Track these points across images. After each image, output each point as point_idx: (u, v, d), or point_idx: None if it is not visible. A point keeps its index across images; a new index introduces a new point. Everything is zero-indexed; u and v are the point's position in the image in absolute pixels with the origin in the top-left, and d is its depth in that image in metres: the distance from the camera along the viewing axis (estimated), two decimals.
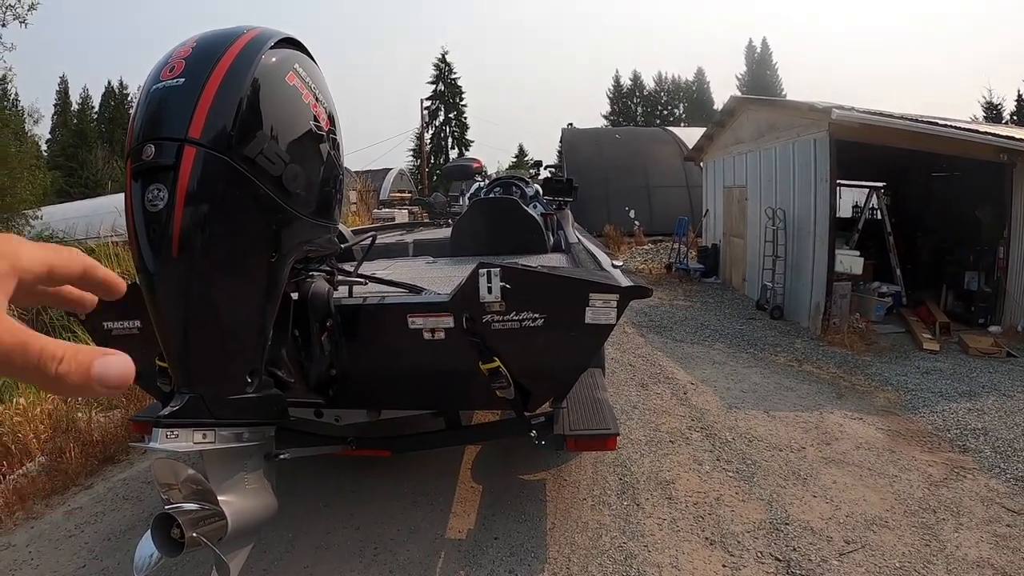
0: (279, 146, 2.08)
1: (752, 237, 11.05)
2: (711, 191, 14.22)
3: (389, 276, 3.97)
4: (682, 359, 7.41)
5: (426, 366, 3.14)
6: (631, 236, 18.65)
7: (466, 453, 4.65)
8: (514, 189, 6.92)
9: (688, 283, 12.92)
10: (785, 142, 9.68)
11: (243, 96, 1.99)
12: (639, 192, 19.87)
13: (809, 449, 4.66)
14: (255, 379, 2.33)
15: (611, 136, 23.33)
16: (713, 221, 13.97)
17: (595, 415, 3.45)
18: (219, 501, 2.16)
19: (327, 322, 2.93)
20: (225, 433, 2.25)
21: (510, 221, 4.98)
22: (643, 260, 16.17)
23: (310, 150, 2.27)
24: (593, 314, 2.80)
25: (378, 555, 3.53)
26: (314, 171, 2.34)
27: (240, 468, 2.35)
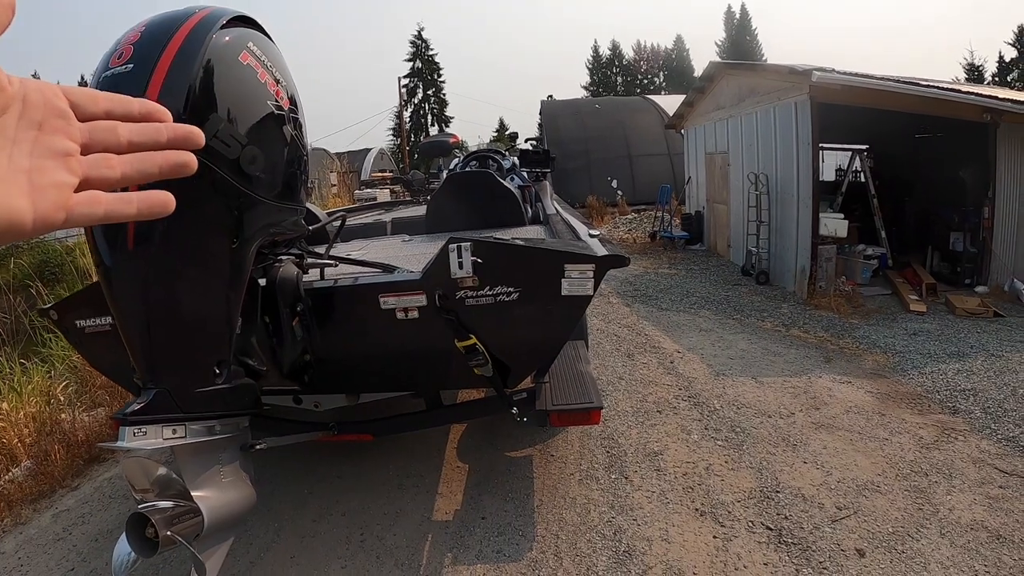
0: (235, 128, 2.01)
1: (735, 203, 10.95)
2: (693, 158, 14.10)
3: (363, 256, 3.86)
4: (668, 328, 7.33)
5: (401, 347, 3.05)
6: (614, 206, 18.55)
7: (451, 432, 4.57)
8: (490, 162, 6.80)
9: (672, 251, 12.83)
10: (766, 106, 9.55)
11: (194, 78, 1.91)
12: (621, 162, 19.72)
13: (798, 415, 4.60)
14: (224, 370, 2.27)
15: (591, 106, 23.10)
16: (696, 188, 13.87)
17: (578, 389, 3.36)
18: (193, 497, 2.11)
19: (298, 307, 2.83)
20: (196, 427, 2.19)
21: (486, 195, 4.86)
22: (627, 229, 16.06)
23: (270, 131, 2.19)
24: (569, 285, 2.71)
25: (364, 541, 3.46)
26: (275, 153, 2.26)
27: (214, 461, 2.30)
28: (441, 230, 4.92)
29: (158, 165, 0.56)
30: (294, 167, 2.42)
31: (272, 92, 2.19)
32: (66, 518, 3.95)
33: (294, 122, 2.35)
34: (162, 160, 0.56)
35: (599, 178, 19.19)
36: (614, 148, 19.86)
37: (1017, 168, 8.08)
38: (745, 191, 10.06)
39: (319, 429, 3.44)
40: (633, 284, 9.95)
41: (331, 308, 2.94)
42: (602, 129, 20.35)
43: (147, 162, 0.56)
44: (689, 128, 14.24)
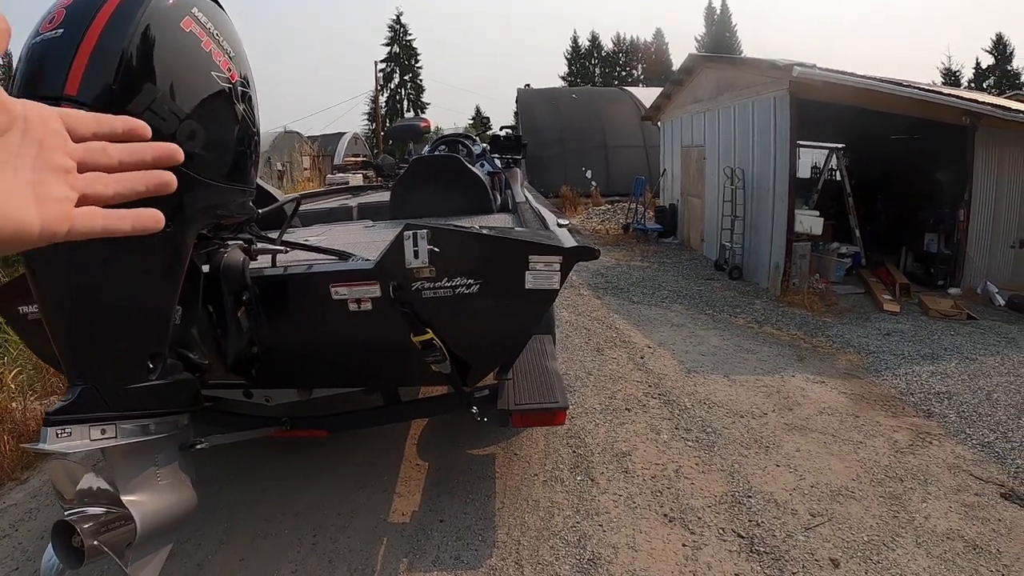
0: (173, 101, 1.83)
1: (710, 197, 10.84)
2: (669, 151, 13.96)
3: (322, 243, 3.63)
4: (639, 322, 7.19)
5: (354, 340, 2.85)
6: (588, 197, 18.39)
7: (412, 427, 4.37)
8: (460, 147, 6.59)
9: (646, 243, 12.73)
10: (745, 101, 9.43)
11: (128, 45, 1.74)
12: (596, 152, 19.55)
13: (771, 415, 4.47)
14: (158, 364, 2.08)
15: (567, 96, 22.87)
16: (671, 181, 13.74)
17: (543, 387, 3.18)
18: (126, 502, 1.95)
19: (244, 296, 2.59)
20: (128, 426, 2.01)
21: (453, 181, 4.65)
22: (600, 220, 15.95)
23: (214, 106, 2.00)
24: (534, 278, 2.52)
25: (317, 543, 3.26)
26: (220, 129, 2.07)
27: (150, 463, 2.11)
28: (406, 216, 4.70)
29: (145, 184, 0.62)
30: (243, 146, 2.23)
31: (218, 63, 2.00)
32: (12, 514, 3.69)
33: (244, 97, 2.16)
34: (148, 180, 0.62)
35: (574, 168, 19.02)
36: (590, 138, 19.68)
37: (994, 172, 8.08)
38: (721, 185, 9.94)
39: (271, 424, 3.23)
40: (605, 276, 9.80)
41: (280, 297, 2.72)
42: (578, 119, 20.14)
43: (136, 181, 0.61)
44: (666, 121, 14.10)
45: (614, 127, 19.99)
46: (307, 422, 3.32)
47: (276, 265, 2.80)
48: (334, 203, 6.52)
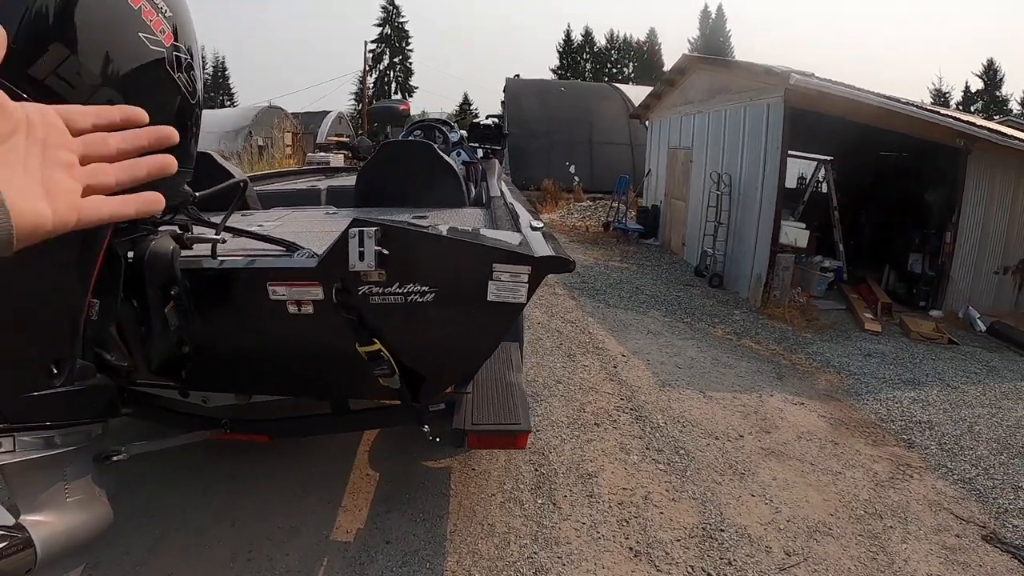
0: (85, 65, 1.60)
1: (695, 201, 10.61)
2: (655, 151, 13.71)
3: (276, 229, 3.32)
4: (614, 327, 6.95)
5: (294, 346, 2.53)
6: (570, 192, 18.12)
7: (365, 433, 4.07)
8: (436, 133, 6.26)
9: (626, 244, 12.51)
10: (737, 105, 9.19)
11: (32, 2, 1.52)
12: (581, 147, 19.30)
13: (748, 438, 4.24)
14: (65, 368, 1.83)
15: (556, 89, 22.59)
16: (655, 181, 13.51)
17: (505, 405, 2.87)
18: (25, 524, 1.73)
19: (172, 290, 2.28)
20: (27, 439, 1.78)
21: (423, 169, 4.32)
22: (580, 217, 15.70)
23: (141, 72, 1.75)
24: (498, 290, 2.21)
25: (252, 560, 2.98)
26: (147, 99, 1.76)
27: (57, 478, 1.87)
28: (371, 204, 4.40)
29: (145, 169, 0.66)
30: (178, 119, 1.96)
31: (149, 23, 1.74)
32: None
33: (183, 65, 1.90)
34: (148, 164, 0.66)
35: (558, 162, 18.74)
36: (576, 133, 19.41)
37: (984, 197, 7.95)
38: (706, 190, 9.71)
39: (209, 427, 2.95)
40: (582, 276, 9.55)
41: (212, 293, 2.40)
42: (566, 112, 19.86)
43: (136, 168, 0.65)
44: (654, 120, 13.84)
45: (601, 123, 19.74)
46: (248, 426, 3.03)
47: (215, 256, 2.49)
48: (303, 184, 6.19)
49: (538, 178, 17.92)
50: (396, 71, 51.37)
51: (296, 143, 26.78)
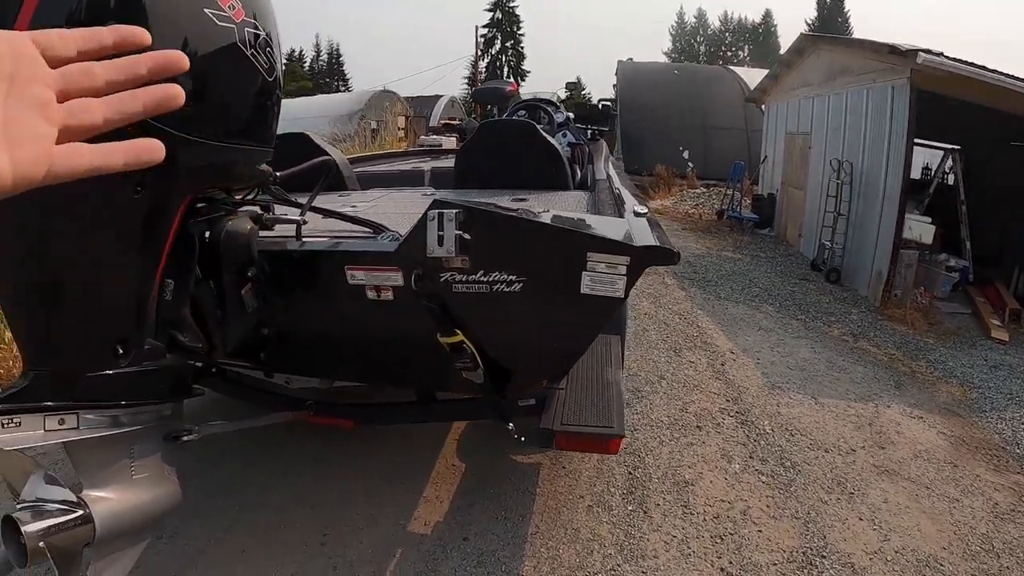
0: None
1: (813, 189, 9.96)
2: (772, 136, 13.01)
3: (369, 210, 3.26)
4: (724, 321, 6.61)
5: (373, 334, 2.46)
6: (683, 178, 17.55)
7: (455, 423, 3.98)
8: (541, 114, 6.08)
9: (739, 233, 11.98)
10: (858, 88, 8.51)
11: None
12: (695, 132, 18.63)
13: (860, 452, 3.87)
14: (131, 349, 1.82)
15: (669, 72, 21.83)
16: (771, 168, 12.84)
17: (599, 405, 2.66)
18: (87, 499, 1.74)
19: (248, 271, 2.24)
20: (92, 417, 1.78)
21: (524, 149, 4.15)
22: (693, 204, 15.18)
23: (209, 51, 1.70)
24: (592, 282, 2.02)
25: (326, 545, 2.95)
26: (218, 79, 1.76)
27: (123, 456, 1.89)
28: (470, 186, 4.29)
29: (141, 103, 0.52)
30: (253, 98, 1.92)
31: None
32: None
33: (257, 42, 1.83)
34: (145, 97, 0.53)
35: (671, 147, 18.17)
36: (689, 117, 18.73)
37: None
38: (825, 178, 9.07)
39: (293, 408, 2.94)
40: (693, 265, 9.20)
41: (291, 276, 2.36)
42: (678, 97, 19.18)
43: (129, 102, 0.52)
44: (771, 104, 13.14)
45: (715, 107, 18.96)
46: (332, 410, 3.00)
47: (299, 237, 2.43)
48: (407, 165, 6.18)
49: (651, 163, 17.47)
50: (508, 55, 51.64)
51: (409, 126, 27.29)
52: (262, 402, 3.12)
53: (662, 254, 2.00)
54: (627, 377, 4.85)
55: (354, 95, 31.17)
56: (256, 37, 1.85)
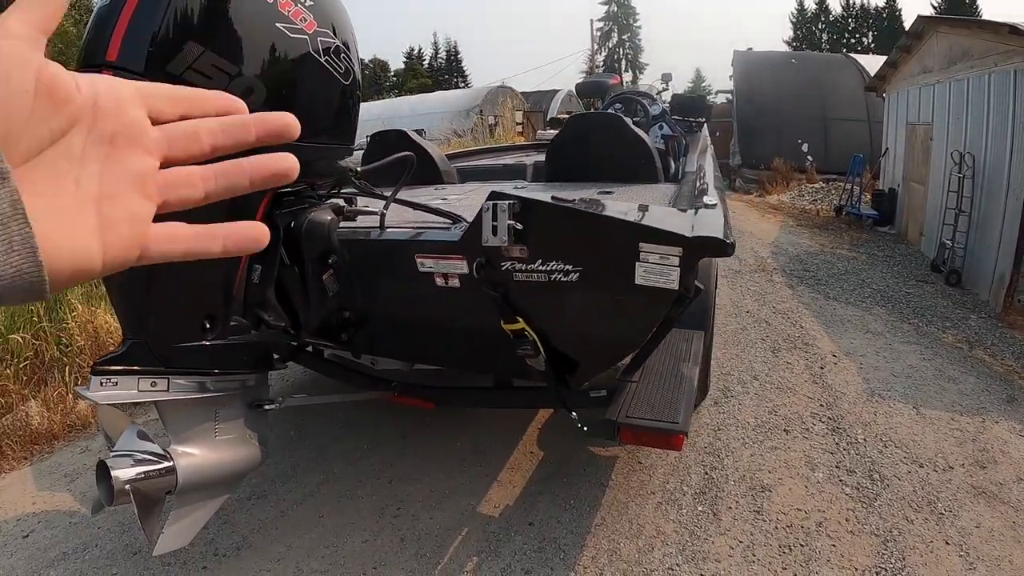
0: (220, 57, 1.75)
1: (934, 184, 9.27)
2: (892, 127, 12.17)
3: (459, 202, 3.38)
4: (830, 322, 6.33)
5: (443, 319, 2.59)
6: (802, 172, 16.78)
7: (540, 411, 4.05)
8: (637, 107, 6.03)
9: (858, 230, 11.39)
10: (979, 72, 7.84)
11: (168, 5, 1.68)
12: (814, 124, 17.72)
13: (957, 470, 3.62)
14: (217, 325, 2.08)
15: (787, 61, 20.78)
16: (892, 162, 12.05)
17: (667, 400, 2.66)
18: (172, 453, 1.99)
19: (330, 259, 2.40)
20: (182, 382, 2.03)
21: (613, 143, 4.14)
22: (811, 200, 14.56)
23: (282, 59, 1.90)
24: (646, 272, 2.03)
25: (398, 517, 3.13)
26: (290, 83, 1.96)
27: (207, 418, 2.14)
28: (559, 179, 4.35)
29: (248, 177, 0.48)
30: (328, 99, 2.12)
31: (286, 14, 1.88)
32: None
33: (330, 49, 2.03)
34: (253, 171, 0.48)
35: (789, 140, 17.40)
36: (808, 108, 17.80)
37: None
38: (947, 172, 8.45)
39: (380, 388, 3.14)
40: (804, 263, 8.85)
41: (368, 263, 2.52)
42: (796, 87, 18.24)
43: (236, 176, 0.47)
44: (891, 92, 12.26)
45: (835, 97, 17.89)
46: (415, 391, 3.13)
47: (383, 227, 2.57)
48: (511, 159, 6.27)
49: (768, 157, 16.80)
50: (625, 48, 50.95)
51: (526, 121, 27.56)
52: (351, 381, 3.32)
53: (715, 245, 1.99)
54: (718, 376, 4.75)
55: (471, 91, 31.74)
56: (330, 46, 2.03)
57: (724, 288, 7.36)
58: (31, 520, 3.32)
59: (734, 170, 17.89)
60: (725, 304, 6.74)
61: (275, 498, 3.32)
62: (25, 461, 3.94)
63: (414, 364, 3.16)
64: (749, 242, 10.14)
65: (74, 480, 3.67)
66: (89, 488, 3.47)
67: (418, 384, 3.17)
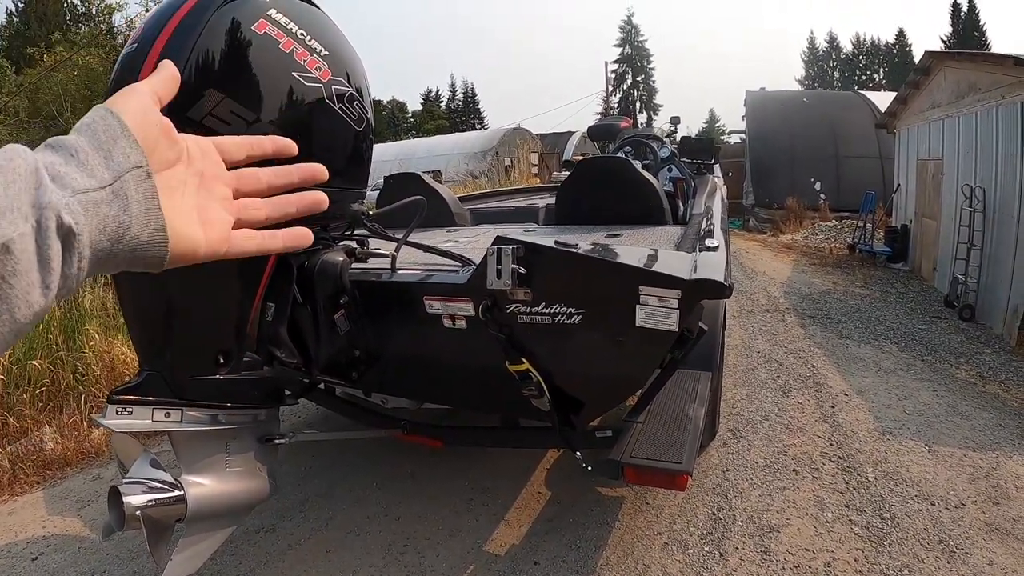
0: (239, 104, 1.82)
1: (946, 219, 9.25)
2: (903, 163, 12.18)
3: (470, 244, 3.45)
4: (841, 361, 6.30)
5: (451, 360, 2.65)
6: (815, 210, 16.80)
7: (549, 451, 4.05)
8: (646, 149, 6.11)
9: (871, 268, 11.37)
10: (987, 105, 7.88)
11: (190, 54, 1.77)
12: (826, 162, 17.78)
13: (970, 507, 3.57)
14: (230, 360, 2.14)
15: (798, 100, 20.94)
16: (904, 198, 12.04)
17: (671, 440, 2.66)
18: (183, 483, 2.05)
19: (341, 298, 2.48)
20: (195, 414, 2.10)
21: (621, 186, 4.22)
22: (824, 238, 14.57)
23: (297, 106, 1.97)
24: (646, 315, 2.08)
25: (404, 554, 3.15)
26: (306, 129, 2.02)
27: (219, 450, 2.21)
28: (570, 222, 4.41)
29: (295, 206, 0.69)
30: (342, 145, 2.19)
31: (302, 63, 1.97)
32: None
33: (343, 97, 2.11)
34: (299, 203, 0.69)
35: (802, 178, 17.46)
36: (820, 146, 17.90)
37: None
38: (958, 206, 8.45)
39: (389, 426, 3.18)
40: (816, 302, 8.84)
41: (379, 304, 2.59)
42: (808, 125, 18.40)
43: (285, 205, 0.68)
44: (901, 128, 12.33)
45: (847, 135, 18.00)
46: (424, 429, 3.18)
47: (394, 268, 2.64)
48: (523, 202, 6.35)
49: (781, 196, 16.88)
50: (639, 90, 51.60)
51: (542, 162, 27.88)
52: (361, 418, 3.38)
53: (713, 287, 2.03)
54: (727, 416, 4.75)
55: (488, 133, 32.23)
56: (344, 93, 2.11)
57: (735, 328, 7.36)
58: (41, 543, 3.39)
59: (748, 210, 17.96)
60: (736, 344, 6.73)
61: (283, 531, 3.36)
62: (38, 486, 4.02)
63: (423, 403, 3.19)
64: (761, 282, 10.14)
65: (85, 507, 3.73)
66: (100, 514, 3.54)
67: (427, 423, 3.22)
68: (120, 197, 0.52)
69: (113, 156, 0.52)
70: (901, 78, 15.53)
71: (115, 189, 0.52)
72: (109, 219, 0.51)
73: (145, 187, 0.54)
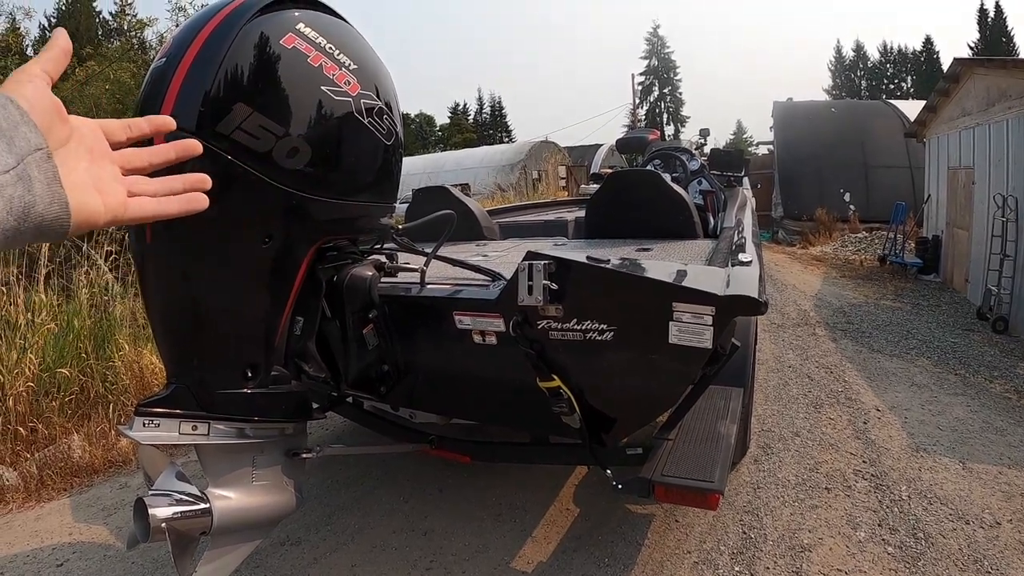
0: (267, 119, 1.82)
1: (978, 229, 9.11)
2: (934, 173, 11.99)
3: (498, 258, 3.46)
4: (873, 375, 6.22)
5: (481, 375, 2.64)
6: (845, 222, 16.58)
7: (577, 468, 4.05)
8: (676, 162, 6.09)
9: (902, 279, 11.23)
10: (1019, 113, 7.76)
11: (218, 68, 1.78)
12: (855, 172, 17.54)
13: (1006, 526, 3.50)
14: (258, 374, 2.13)
15: (826, 110, 20.69)
16: (935, 208, 11.85)
17: (703, 458, 2.65)
18: (209, 495, 2.05)
19: (370, 313, 2.50)
20: (222, 427, 2.09)
21: (650, 199, 4.20)
22: (854, 250, 14.42)
23: (326, 120, 1.97)
24: (679, 332, 2.06)
25: (431, 570, 3.16)
26: (333, 145, 2.03)
27: (245, 463, 2.21)
28: (598, 236, 4.41)
29: (181, 183, 0.77)
30: (370, 160, 2.19)
31: (330, 77, 1.97)
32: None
33: (372, 111, 2.10)
34: (183, 181, 0.77)
35: (831, 189, 17.25)
36: (849, 157, 17.68)
37: None
38: (990, 216, 8.32)
39: (418, 440, 3.19)
40: (847, 315, 8.74)
41: (408, 319, 2.61)
42: (836, 135, 18.16)
43: (173, 182, 0.76)
44: (931, 137, 12.15)
45: (876, 144, 17.75)
46: (451, 444, 3.19)
47: (424, 283, 2.66)
48: (551, 215, 6.35)
49: (810, 207, 16.69)
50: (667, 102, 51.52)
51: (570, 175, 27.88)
52: (389, 433, 3.40)
53: (747, 304, 2.01)
54: (758, 433, 4.70)
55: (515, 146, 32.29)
56: (372, 107, 2.11)
57: (766, 343, 7.29)
58: (67, 550, 3.46)
59: (776, 221, 17.78)
60: (767, 359, 6.68)
61: (309, 545, 3.39)
62: (64, 493, 4.11)
63: (451, 418, 3.21)
64: (792, 295, 10.05)
65: (111, 515, 3.81)
66: (125, 523, 3.61)
67: (455, 438, 3.22)
68: (24, 179, 0.57)
69: (15, 142, 0.57)
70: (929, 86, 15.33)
71: (19, 172, 0.57)
72: (15, 200, 0.56)
73: (47, 167, 0.59)
